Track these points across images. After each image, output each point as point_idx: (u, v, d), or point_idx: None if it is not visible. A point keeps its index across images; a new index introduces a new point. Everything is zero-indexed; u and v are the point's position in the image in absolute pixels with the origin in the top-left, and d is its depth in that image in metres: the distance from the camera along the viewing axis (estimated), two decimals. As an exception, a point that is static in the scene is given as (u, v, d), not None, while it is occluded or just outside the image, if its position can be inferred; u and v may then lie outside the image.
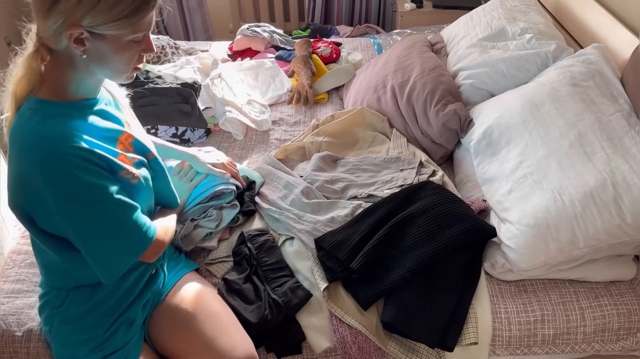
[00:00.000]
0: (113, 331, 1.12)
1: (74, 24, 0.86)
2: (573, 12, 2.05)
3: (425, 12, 3.14)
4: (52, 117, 0.92)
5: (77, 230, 0.96)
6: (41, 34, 0.91)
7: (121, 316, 1.13)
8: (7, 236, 1.48)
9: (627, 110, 1.41)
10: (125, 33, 0.90)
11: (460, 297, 1.28)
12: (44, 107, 0.93)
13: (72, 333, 1.11)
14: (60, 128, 0.91)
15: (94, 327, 1.11)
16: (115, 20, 0.88)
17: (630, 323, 1.28)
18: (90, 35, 0.88)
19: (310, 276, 1.33)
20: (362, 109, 1.87)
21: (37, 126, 0.91)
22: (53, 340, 1.14)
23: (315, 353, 1.25)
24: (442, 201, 1.39)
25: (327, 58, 2.37)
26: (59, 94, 0.95)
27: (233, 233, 1.47)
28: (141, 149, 1.10)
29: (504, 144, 1.51)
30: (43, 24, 0.88)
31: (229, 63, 2.28)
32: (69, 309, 1.11)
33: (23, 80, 0.94)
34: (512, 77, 1.79)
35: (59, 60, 0.93)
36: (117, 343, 1.12)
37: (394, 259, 1.31)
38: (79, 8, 0.85)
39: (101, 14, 0.86)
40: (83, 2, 0.85)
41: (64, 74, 0.95)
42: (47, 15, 0.86)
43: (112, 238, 0.99)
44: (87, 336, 1.10)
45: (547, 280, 1.36)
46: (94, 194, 0.94)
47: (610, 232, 1.24)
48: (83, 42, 0.89)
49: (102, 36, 0.89)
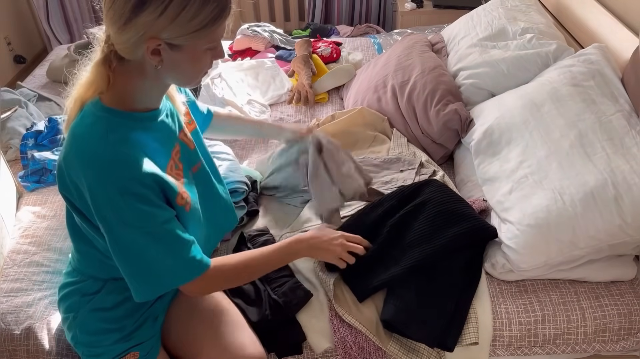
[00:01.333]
0: (140, 324, 1.13)
1: (153, 37, 0.85)
2: (573, 12, 2.05)
3: (426, 12, 3.14)
4: (115, 129, 0.91)
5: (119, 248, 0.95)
6: (114, 43, 0.89)
7: (149, 309, 1.15)
8: (6, 236, 1.48)
9: (628, 110, 1.41)
10: (202, 43, 0.90)
11: (460, 297, 1.28)
12: (108, 115, 0.92)
13: (101, 322, 1.11)
14: (121, 148, 0.90)
15: (125, 318, 1.11)
16: (195, 31, 0.87)
17: (631, 323, 1.28)
18: (168, 46, 0.87)
19: (310, 277, 1.33)
20: (362, 109, 1.87)
21: (100, 140, 0.90)
22: (76, 326, 1.13)
23: (315, 353, 1.25)
24: (444, 200, 1.39)
25: (328, 58, 2.37)
26: (124, 102, 0.94)
27: (234, 234, 1.47)
28: (188, 157, 1.08)
29: (505, 144, 1.51)
30: (119, 36, 0.87)
31: (229, 63, 2.28)
32: (105, 298, 1.11)
33: (92, 87, 0.93)
34: (512, 77, 1.79)
35: (129, 68, 0.92)
36: (143, 336, 1.13)
37: (394, 256, 1.31)
38: (160, 21, 0.84)
39: (181, 26, 0.85)
40: (164, 15, 0.83)
41: (133, 82, 0.94)
42: (125, 28, 0.85)
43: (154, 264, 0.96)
44: (116, 325, 1.11)
45: (548, 280, 1.36)
46: (142, 221, 0.92)
47: (610, 232, 1.24)
48: (159, 53, 0.88)
49: (180, 47, 0.88)
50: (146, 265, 0.96)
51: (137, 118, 0.96)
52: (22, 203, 1.63)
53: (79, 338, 1.13)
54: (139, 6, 0.82)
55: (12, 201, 1.61)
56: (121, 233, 0.92)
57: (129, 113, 0.95)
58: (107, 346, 1.11)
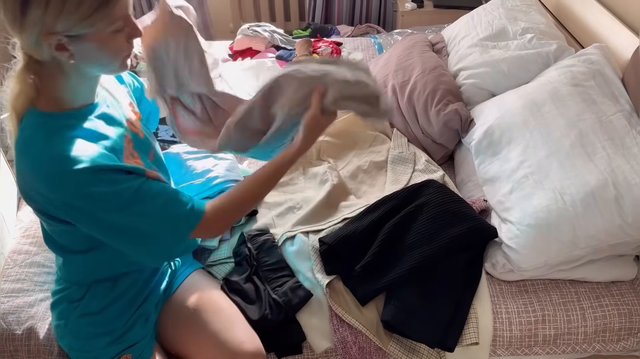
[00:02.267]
0: (130, 325, 1.13)
1: (49, 32, 0.84)
2: (574, 12, 2.05)
3: (426, 12, 3.13)
4: (57, 132, 0.91)
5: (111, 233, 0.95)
6: (22, 47, 0.89)
7: (137, 310, 1.15)
8: (7, 236, 1.48)
9: (628, 110, 1.41)
10: (102, 26, 0.87)
11: (460, 297, 1.28)
12: (46, 120, 0.92)
13: (90, 326, 1.12)
14: (68, 147, 0.89)
15: (114, 320, 1.12)
16: (86, 17, 0.84)
17: (631, 323, 1.28)
18: (68, 39, 0.86)
19: (310, 276, 1.33)
20: (362, 109, 1.87)
21: (45, 148, 0.89)
22: (68, 334, 1.14)
23: (315, 353, 1.25)
24: (444, 200, 1.39)
25: (328, 58, 2.37)
26: (58, 104, 0.94)
27: (234, 233, 1.47)
28: (141, 146, 1.08)
29: (505, 144, 1.51)
30: (21, 39, 0.87)
31: (229, 63, 2.28)
32: (90, 302, 1.11)
33: (21, 96, 0.92)
34: (513, 77, 1.79)
35: (49, 69, 0.91)
36: (134, 337, 1.13)
37: (395, 257, 1.31)
38: (47, 16, 0.82)
39: (70, 16, 0.83)
40: (49, 9, 0.82)
41: (58, 83, 0.93)
42: (22, 30, 0.84)
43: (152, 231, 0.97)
44: (106, 328, 1.11)
45: (548, 280, 1.36)
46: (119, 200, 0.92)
47: (611, 232, 1.24)
48: (65, 48, 0.86)
49: (81, 36, 0.86)
50: (143, 237, 0.96)
51: (74, 116, 0.95)
52: (23, 203, 1.63)
53: (72, 344, 1.14)
54: (24, 5, 0.81)
55: (13, 201, 1.61)
56: (106, 220, 0.92)
57: (65, 113, 0.94)
58: (99, 350, 1.11)
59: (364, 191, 1.63)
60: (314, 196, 1.55)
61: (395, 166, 1.68)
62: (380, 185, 1.64)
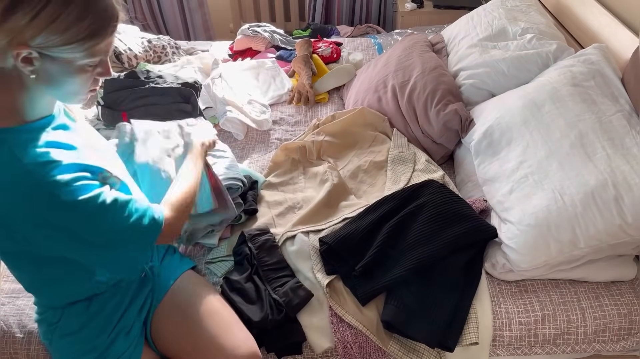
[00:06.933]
0: (113, 338, 1.12)
1: (22, 43, 0.79)
2: (574, 12, 2.05)
3: (426, 12, 3.14)
4: (19, 146, 0.86)
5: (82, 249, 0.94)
6: None
7: (118, 324, 1.13)
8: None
9: (628, 110, 1.41)
10: (79, 57, 0.84)
11: (460, 297, 1.28)
12: (6, 136, 0.86)
13: (73, 345, 1.11)
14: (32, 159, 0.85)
15: (95, 336, 1.11)
16: (69, 43, 0.81)
17: (631, 323, 1.28)
18: (40, 55, 0.81)
19: (311, 276, 1.33)
20: (362, 109, 1.87)
21: (10, 162, 0.84)
22: (55, 352, 1.15)
23: (315, 353, 1.25)
24: (443, 200, 1.40)
25: (328, 58, 2.37)
26: (16, 118, 0.88)
27: (234, 232, 1.47)
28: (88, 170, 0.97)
29: (505, 144, 1.51)
30: None
31: (229, 63, 2.28)
32: (68, 323, 1.11)
33: None
34: (512, 77, 1.79)
35: (8, 79, 0.85)
36: (117, 350, 1.12)
37: (395, 257, 1.31)
38: (30, 27, 0.78)
39: (54, 36, 0.80)
40: (35, 21, 0.78)
41: (16, 95, 0.87)
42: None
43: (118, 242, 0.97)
44: (89, 346, 1.10)
45: (548, 280, 1.36)
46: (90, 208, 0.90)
47: (611, 232, 1.24)
48: (32, 62, 0.82)
49: (53, 58, 0.83)
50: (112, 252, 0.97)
51: (34, 129, 0.90)
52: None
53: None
54: (10, 9, 0.77)
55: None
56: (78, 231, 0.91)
57: (25, 126, 0.89)
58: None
59: (364, 191, 1.64)
60: (314, 196, 1.56)
61: (395, 166, 1.68)
62: (380, 185, 1.64)
